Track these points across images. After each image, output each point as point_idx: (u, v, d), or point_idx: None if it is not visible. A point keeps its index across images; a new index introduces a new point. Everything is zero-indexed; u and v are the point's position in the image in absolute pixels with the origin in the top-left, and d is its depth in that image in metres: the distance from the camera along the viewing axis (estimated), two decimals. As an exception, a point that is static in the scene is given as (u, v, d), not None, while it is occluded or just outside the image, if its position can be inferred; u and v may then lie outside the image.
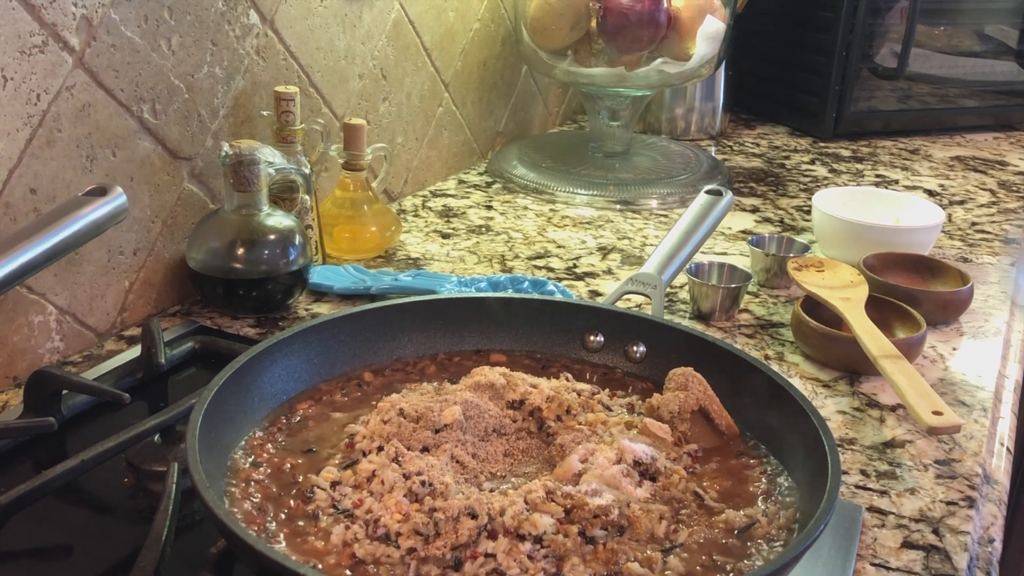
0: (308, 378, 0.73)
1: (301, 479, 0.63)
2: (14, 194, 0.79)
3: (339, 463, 0.64)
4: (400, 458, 0.62)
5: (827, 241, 1.18)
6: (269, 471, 0.64)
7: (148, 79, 0.89)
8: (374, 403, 0.70)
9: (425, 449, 0.64)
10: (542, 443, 0.68)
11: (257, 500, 0.60)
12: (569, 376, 0.76)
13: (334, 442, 0.67)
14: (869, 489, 0.73)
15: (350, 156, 1.08)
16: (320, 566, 0.55)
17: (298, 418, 0.70)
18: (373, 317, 0.78)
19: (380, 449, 0.64)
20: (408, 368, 0.78)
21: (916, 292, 1.01)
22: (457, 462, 0.64)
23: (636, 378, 0.79)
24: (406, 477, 0.60)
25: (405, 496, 0.58)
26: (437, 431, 0.66)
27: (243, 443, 0.66)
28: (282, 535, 0.58)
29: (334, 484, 0.62)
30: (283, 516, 0.59)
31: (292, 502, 0.61)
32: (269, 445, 0.67)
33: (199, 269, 0.93)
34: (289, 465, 0.64)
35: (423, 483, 0.59)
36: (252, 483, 0.62)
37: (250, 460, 0.65)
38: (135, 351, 0.85)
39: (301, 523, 0.59)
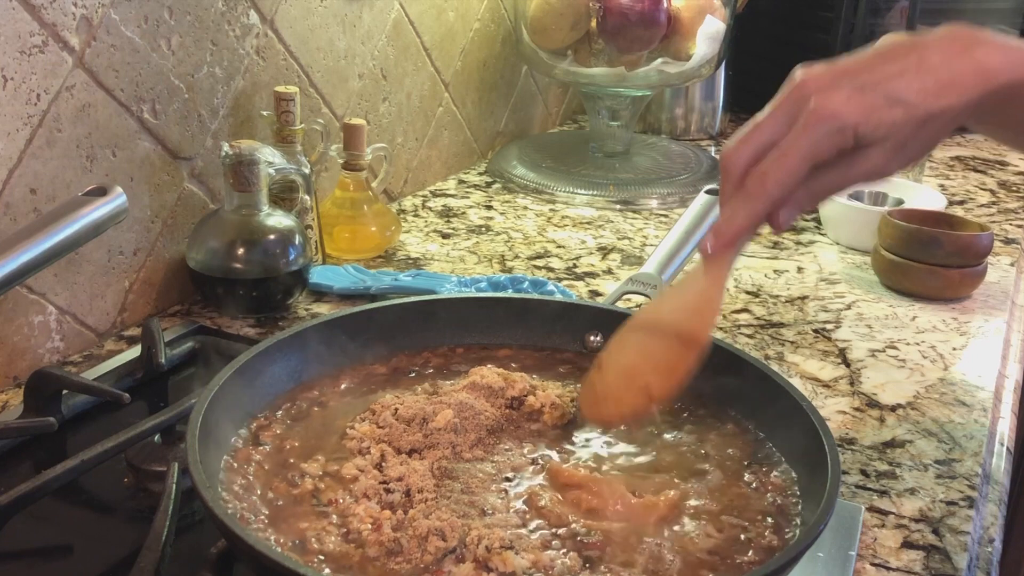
0: (308, 378, 0.73)
1: (292, 462, 0.64)
2: (14, 194, 0.79)
3: (329, 457, 0.65)
4: (384, 463, 0.63)
5: (836, 228, 1.20)
6: (266, 450, 0.65)
7: (148, 79, 0.89)
8: (372, 402, 0.70)
9: (415, 451, 0.65)
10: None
11: (249, 480, 0.61)
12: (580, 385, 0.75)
13: (331, 434, 0.68)
14: (869, 489, 0.73)
15: (350, 156, 1.08)
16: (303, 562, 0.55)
17: (303, 406, 0.70)
18: (373, 317, 0.78)
19: (369, 451, 0.64)
20: (413, 360, 0.78)
21: (938, 234, 1.04)
22: (443, 467, 0.64)
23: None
24: (385, 483, 0.60)
25: (378, 503, 0.59)
26: (427, 435, 0.66)
27: (245, 426, 0.67)
28: (264, 514, 0.59)
29: (321, 476, 0.62)
30: (269, 495, 0.60)
31: (279, 484, 0.62)
32: (274, 427, 0.67)
33: (199, 269, 0.93)
34: (288, 447, 0.65)
35: (396, 491, 0.60)
36: (250, 462, 0.63)
37: (250, 439, 0.66)
38: (135, 351, 0.85)
39: (281, 503, 0.60)
